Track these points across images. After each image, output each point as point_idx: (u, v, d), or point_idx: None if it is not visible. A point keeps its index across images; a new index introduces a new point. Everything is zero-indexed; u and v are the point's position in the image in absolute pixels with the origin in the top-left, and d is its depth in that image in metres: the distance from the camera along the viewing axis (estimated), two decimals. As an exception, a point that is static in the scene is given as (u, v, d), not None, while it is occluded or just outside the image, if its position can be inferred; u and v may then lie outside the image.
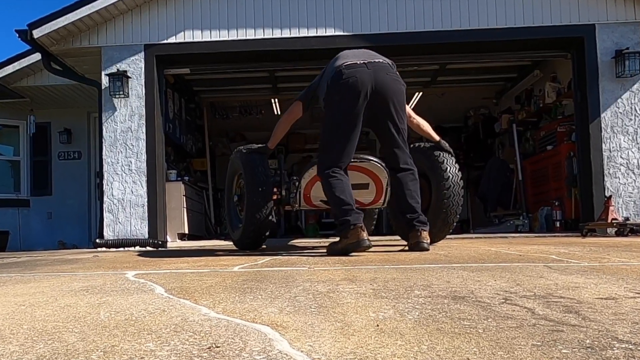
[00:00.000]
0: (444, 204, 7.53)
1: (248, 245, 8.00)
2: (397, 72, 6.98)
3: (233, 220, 8.55)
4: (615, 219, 11.34)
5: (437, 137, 7.67)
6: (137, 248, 11.79)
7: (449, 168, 7.65)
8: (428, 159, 7.71)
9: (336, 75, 6.68)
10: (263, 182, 7.51)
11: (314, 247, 8.69)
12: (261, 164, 7.66)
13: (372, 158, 7.44)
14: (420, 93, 18.40)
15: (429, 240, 6.83)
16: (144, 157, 12.26)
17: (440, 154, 7.72)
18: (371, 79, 6.63)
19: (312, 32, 12.28)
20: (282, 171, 8.27)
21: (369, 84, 6.60)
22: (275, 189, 7.92)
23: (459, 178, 7.67)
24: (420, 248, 6.70)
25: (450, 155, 7.75)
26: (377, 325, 2.52)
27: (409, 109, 7.38)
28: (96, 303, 3.39)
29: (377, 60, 6.85)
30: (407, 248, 6.95)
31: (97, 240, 12.13)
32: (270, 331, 2.48)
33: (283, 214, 8.27)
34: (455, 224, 7.77)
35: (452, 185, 7.56)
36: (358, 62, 6.73)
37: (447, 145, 7.80)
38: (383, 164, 7.34)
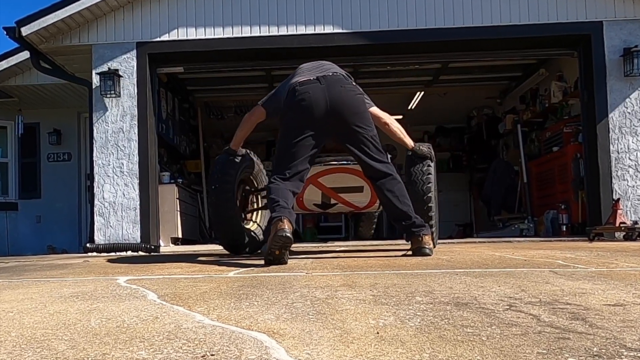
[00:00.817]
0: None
1: (225, 246, 8.03)
2: (354, 83, 7.02)
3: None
4: (624, 223, 11.33)
5: (410, 144, 7.47)
6: (129, 253, 11.78)
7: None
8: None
9: (290, 93, 6.75)
10: (217, 180, 7.59)
11: (311, 252, 8.69)
12: (221, 163, 7.75)
13: None
14: (422, 92, 18.42)
15: (431, 245, 6.85)
16: (136, 158, 12.24)
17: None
18: (325, 95, 6.65)
19: (310, 30, 12.28)
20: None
21: (323, 101, 6.63)
22: (252, 196, 8.19)
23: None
24: (422, 253, 6.73)
25: (425, 162, 7.55)
26: (377, 333, 2.52)
27: (383, 114, 7.41)
28: (87, 310, 3.39)
29: (330, 74, 6.86)
30: (409, 252, 6.94)
31: (88, 245, 12.11)
32: (266, 339, 2.48)
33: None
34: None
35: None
36: (311, 79, 6.76)
37: (424, 149, 7.59)
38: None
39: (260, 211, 8.58)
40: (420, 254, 6.73)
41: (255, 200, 8.60)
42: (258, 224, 8.45)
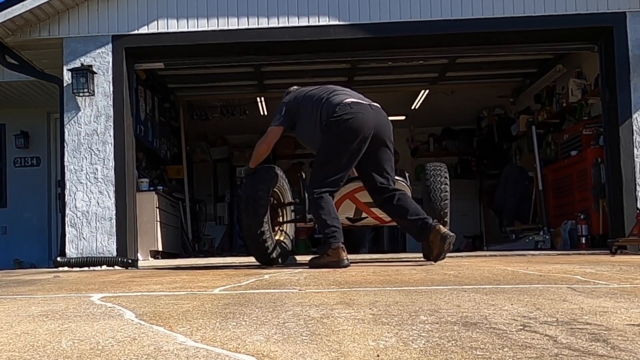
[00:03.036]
0: None
1: (259, 260, 9.13)
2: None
3: None
4: (649, 234, 11.35)
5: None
6: (104, 267, 11.77)
7: None
8: None
9: (343, 108, 8.29)
10: (250, 197, 8.82)
11: (305, 266, 8.70)
12: (252, 179, 9.03)
13: (398, 178, 9.10)
14: (427, 91, 18.42)
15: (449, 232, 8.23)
16: (111, 163, 12.22)
17: None
18: (375, 120, 8.37)
19: (304, 22, 12.27)
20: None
21: (373, 124, 8.33)
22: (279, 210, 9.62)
23: None
24: (447, 237, 8.07)
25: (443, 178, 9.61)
26: (378, 356, 2.53)
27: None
28: (57, 330, 3.39)
29: (374, 104, 8.61)
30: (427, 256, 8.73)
31: (59, 259, 12.09)
32: (255, 362, 2.48)
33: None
34: None
35: None
36: (363, 102, 8.48)
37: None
38: (406, 181, 9.59)
39: (288, 223, 9.85)
40: (445, 240, 8.06)
41: (282, 213, 9.80)
42: (286, 233, 9.76)
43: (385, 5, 12.21)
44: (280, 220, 9.77)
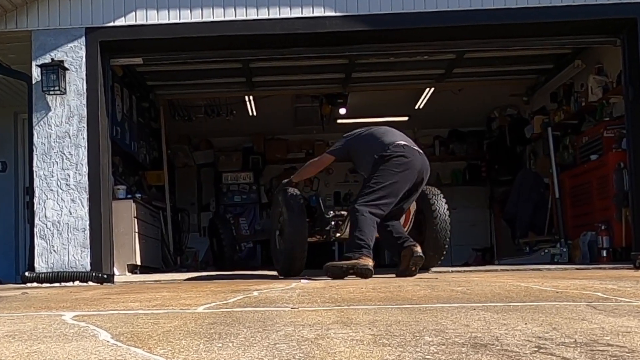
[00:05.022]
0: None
1: (287, 273, 10.74)
2: None
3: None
4: (677, 247, 11.36)
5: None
6: (77, 283, 11.76)
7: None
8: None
9: (395, 147, 10.08)
10: (296, 216, 10.58)
11: (298, 280, 8.71)
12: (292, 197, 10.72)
13: None
14: (432, 89, 18.42)
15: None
16: (85, 169, 12.21)
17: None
18: (421, 166, 10.18)
19: (296, 13, 12.26)
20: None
21: (419, 168, 10.15)
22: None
23: None
24: (415, 255, 9.76)
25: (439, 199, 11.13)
26: (378, 380, 2.53)
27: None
28: (25, 352, 3.39)
29: (420, 151, 10.38)
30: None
31: (27, 274, 12.08)
32: (243, 387, 2.49)
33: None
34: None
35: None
36: (413, 147, 10.30)
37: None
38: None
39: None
40: (413, 256, 9.76)
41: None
42: None
43: (386, -6, 12.22)
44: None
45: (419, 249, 9.87)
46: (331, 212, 11.40)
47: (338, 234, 11.14)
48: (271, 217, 12.55)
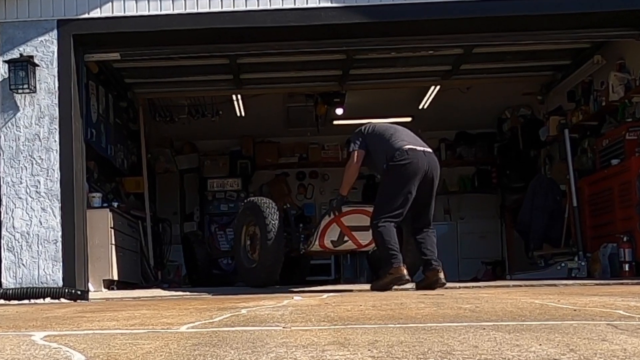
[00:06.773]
0: None
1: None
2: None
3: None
4: None
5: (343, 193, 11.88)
6: (48, 300, 11.75)
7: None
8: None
9: (401, 154, 10.90)
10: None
11: (291, 297, 8.71)
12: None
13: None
14: (437, 87, 18.42)
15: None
16: (57, 175, 12.20)
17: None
18: (427, 165, 11.02)
19: (289, 3, 12.27)
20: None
21: (425, 168, 10.98)
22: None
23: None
24: (439, 282, 10.85)
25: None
26: (378, 407, 2.54)
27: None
28: (-10, 376, 3.39)
29: (427, 150, 11.25)
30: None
31: (-7, 290, 12.10)
32: (230, 415, 2.49)
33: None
34: None
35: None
36: (417, 149, 11.06)
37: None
38: None
39: None
40: (437, 283, 10.82)
41: None
42: None
43: (387, -17, 12.24)
44: None
45: (442, 275, 10.91)
46: (301, 224, 12.78)
47: (307, 246, 12.34)
48: (234, 230, 13.59)
